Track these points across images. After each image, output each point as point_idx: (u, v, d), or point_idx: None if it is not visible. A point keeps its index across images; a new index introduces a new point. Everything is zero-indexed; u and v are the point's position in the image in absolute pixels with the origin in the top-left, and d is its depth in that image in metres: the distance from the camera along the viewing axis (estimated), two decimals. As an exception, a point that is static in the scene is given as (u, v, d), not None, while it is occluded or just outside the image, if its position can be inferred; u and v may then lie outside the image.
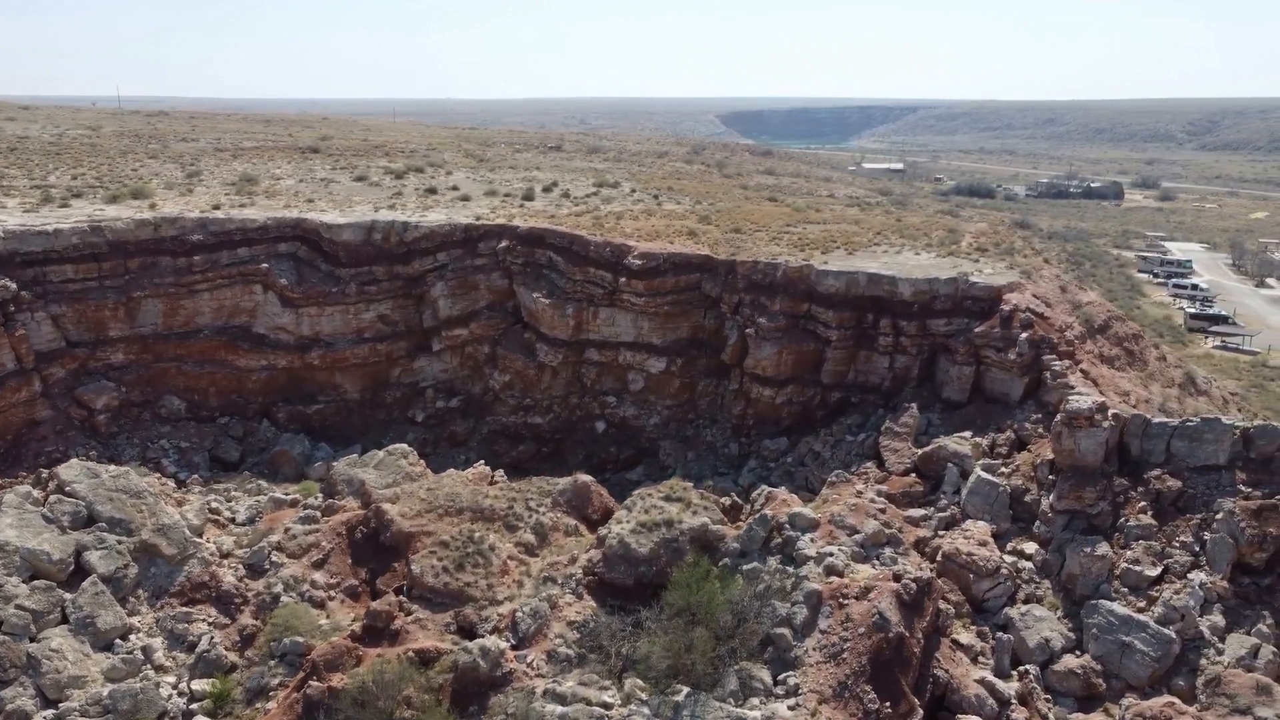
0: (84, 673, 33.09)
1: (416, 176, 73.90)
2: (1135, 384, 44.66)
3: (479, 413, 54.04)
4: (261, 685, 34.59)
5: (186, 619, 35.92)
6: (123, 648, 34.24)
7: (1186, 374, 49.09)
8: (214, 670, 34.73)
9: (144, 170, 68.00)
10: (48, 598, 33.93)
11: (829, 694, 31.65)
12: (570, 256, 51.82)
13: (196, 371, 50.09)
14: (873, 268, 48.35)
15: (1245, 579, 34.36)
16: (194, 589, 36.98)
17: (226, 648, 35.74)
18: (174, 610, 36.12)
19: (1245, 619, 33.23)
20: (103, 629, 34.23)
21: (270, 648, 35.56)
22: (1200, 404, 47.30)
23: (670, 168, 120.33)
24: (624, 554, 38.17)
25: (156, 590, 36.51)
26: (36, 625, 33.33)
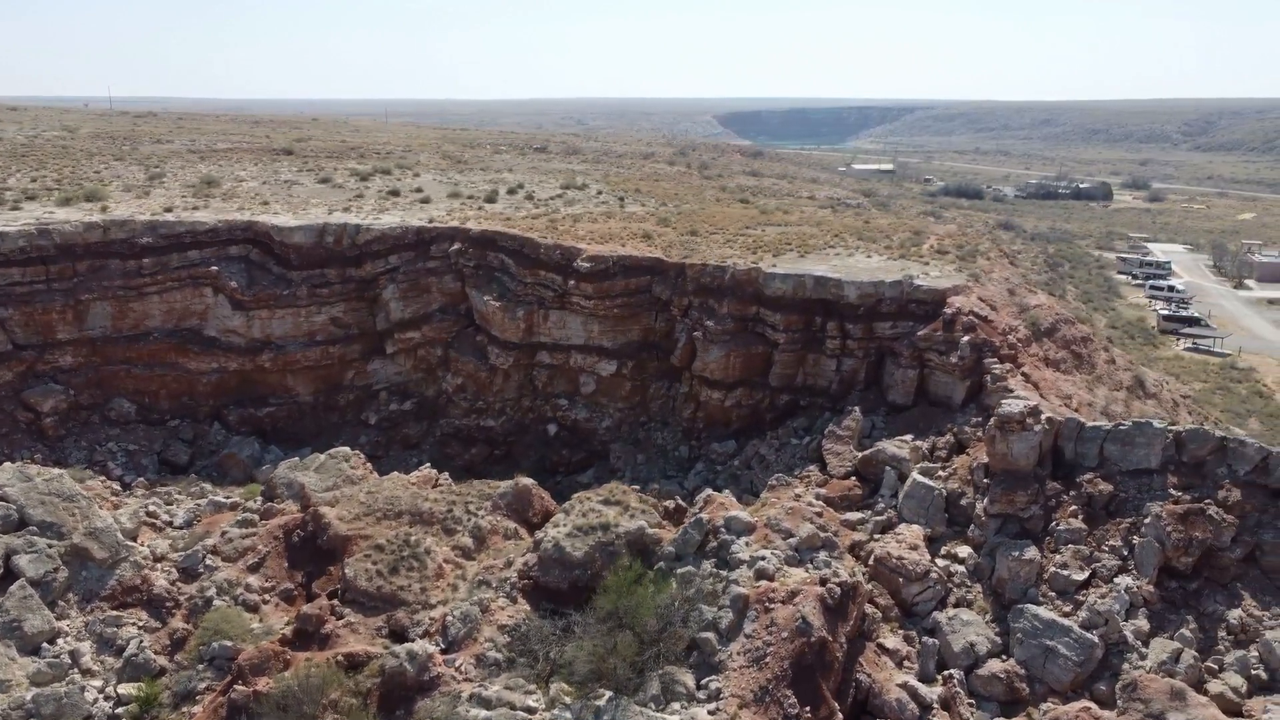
0: (9, 677, 33.05)
1: (382, 179, 73.92)
2: (1080, 387, 44.64)
3: (432, 415, 54.03)
4: (189, 689, 34.53)
5: (116, 623, 35.90)
6: (50, 651, 34.21)
7: (1135, 377, 49.04)
8: (141, 674, 34.68)
9: (106, 173, 68.02)
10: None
11: (750, 698, 31.64)
12: (521, 259, 51.83)
13: (146, 374, 50.08)
14: (820, 270, 48.33)
15: (1173, 583, 34.37)
16: (125, 592, 36.95)
17: (156, 651, 35.71)
18: (104, 614, 36.08)
19: (1170, 623, 33.22)
20: (30, 633, 34.18)
21: (200, 652, 35.50)
22: (1148, 407, 47.28)
23: (649, 169, 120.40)
24: (559, 557, 38.17)
25: (87, 594, 36.47)
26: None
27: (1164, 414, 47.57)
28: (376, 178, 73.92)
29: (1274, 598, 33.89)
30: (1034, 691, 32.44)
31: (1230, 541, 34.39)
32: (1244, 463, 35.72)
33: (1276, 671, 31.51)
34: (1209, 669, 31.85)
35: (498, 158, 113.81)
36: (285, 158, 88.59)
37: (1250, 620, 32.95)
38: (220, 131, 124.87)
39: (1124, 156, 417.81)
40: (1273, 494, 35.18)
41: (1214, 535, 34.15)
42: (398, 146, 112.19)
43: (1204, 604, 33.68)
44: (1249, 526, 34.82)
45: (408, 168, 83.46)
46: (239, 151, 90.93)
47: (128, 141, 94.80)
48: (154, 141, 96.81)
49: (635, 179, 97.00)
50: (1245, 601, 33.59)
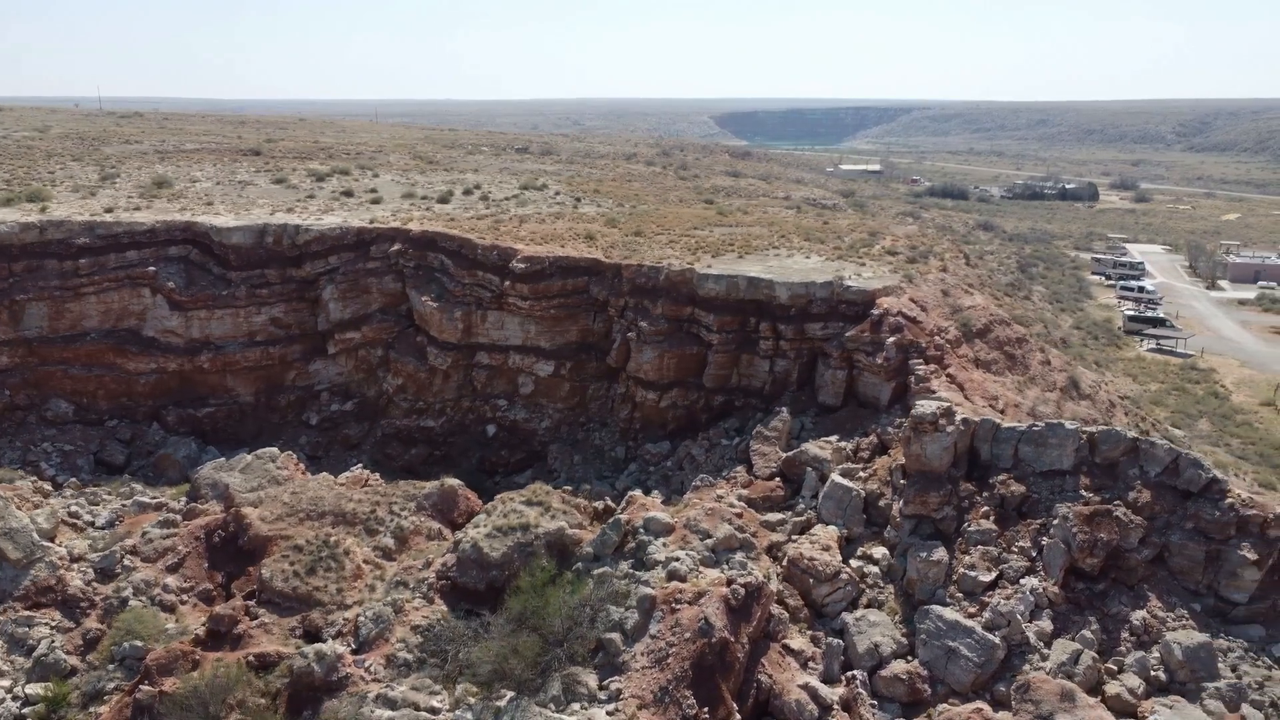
0: (-85, 677, 33.14)
1: (340, 179, 73.96)
2: (1009, 388, 44.68)
3: (373, 416, 54.07)
4: (98, 689, 34.58)
5: (28, 623, 35.94)
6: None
7: (1070, 378, 49.04)
8: (51, 674, 34.73)
9: (61, 173, 68.05)
10: (-118, 602, 33.97)
11: (649, 699, 31.65)
12: (460, 260, 51.87)
13: (84, 375, 50.11)
14: (754, 271, 48.37)
15: (1080, 584, 34.41)
16: (39, 593, 36.99)
17: (68, 652, 35.76)
18: (16, 614, 36.12)
19: (1074, 624, 33.25)
20: (-62, 633, 34.25)
21: (111, 652, 35.56)
22: (1080, 408, 47.30)
23: (624, 170, 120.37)
24: (476, 558, 38.24)
25: (1, 593, 36.51)
26: None
27: (1097, 415, 47.61)
28: (334, 178, 73.98)
29: (1180, 599, 33.96)
30: (935, 692, 32.46)
31: (1138, 543, 34.44)
32: (1155, 464, 35.78)
33: (1176, 672, 31.55)
34: (1109, 670, 31.93)
35: (471, 158, 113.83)
36: (251, 158, 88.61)
37: (1154, 621, 33.00)
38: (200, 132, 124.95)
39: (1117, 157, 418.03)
40: (1182, 495, 35.23)
41: (1121, 536, 34.19)
42: (371, 147, 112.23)
43: (1109, 605, 33.72)
44: (1158, 528, 34.90)
45: (369, 168, 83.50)
46: (205, 152, 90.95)
47: (96, 142, 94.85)
48: (122, 142, 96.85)
49: (601, 180, 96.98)
50: (1151, 603, 33.64)
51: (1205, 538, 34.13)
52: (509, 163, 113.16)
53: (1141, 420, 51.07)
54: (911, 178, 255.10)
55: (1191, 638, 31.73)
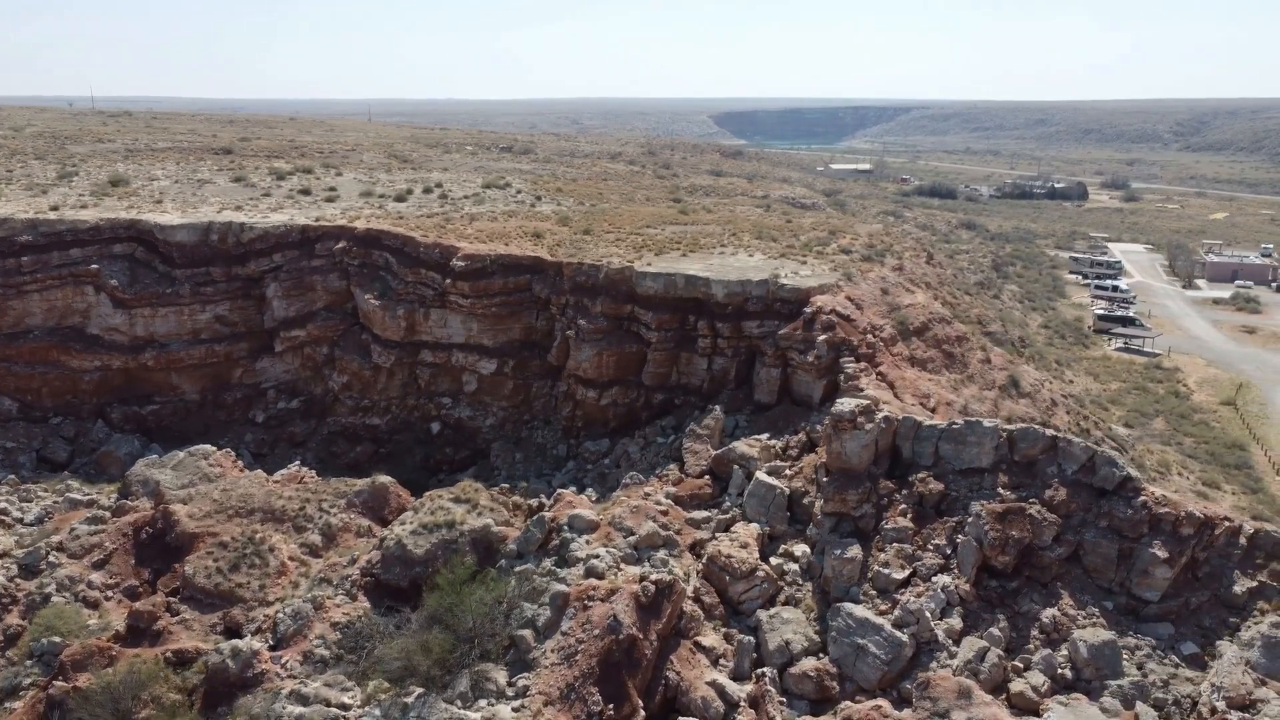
0: None
1: (301, 177, 74.07)
2: (943, 387, 44.72)
3: (319, 414, 54.18)
4: (14, 685, 34.71)
5: (-53, 619, 36.09)
6: (-125, 648, 34.39)
7: (1011, 377, 49.03)
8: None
9: (19, 171, 68.23)
10: None
11: (556, 696, 31.67)
12: (403, 258, 51.99)
13: (27, 372, 50.27)
14: (693, 270, 48.41)
15: (993, 582, 34.43)
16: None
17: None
18: (-64, 610, 36.30)
19: (985, 622, 33.27)
20: None
21: (30, 648, 35.68)
22: (1019, 407, 47.34)
23: (601, 168, 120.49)
24: (400, 555, 38.33)
25: (-80, 590, 36.66)
26: None
27: (1035, 414, 47.65)
28: (295, 177, 74.09)
29: (1093, 597, 33.98)
30: (844, 690, 32.49)
31: (1052, 540, 34.47)
32: (1072, 462, 35.83)
33: (1082, 670, 31.56)
34: (1015, 668, 31.94)
35: (447, 157, 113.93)
36: (220, 157, 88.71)
37: (1064, 620, 33.01)
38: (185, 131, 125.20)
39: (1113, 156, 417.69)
40: (1098, 493, 35.27)
41: (1034, 534, 34.23)
42: (347, 146, 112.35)
43: (1020, 603, 33.75)
44: (1073, 525, 34.92)
45: (335, 167, 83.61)
46: (175, 151, 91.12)
47: (67, 141, 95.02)
48: (95, 141, 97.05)
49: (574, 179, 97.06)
50: (1063, 601, 33.65)
51: (1118, 535, 34.15)
52: (485, 162, 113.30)
53: (1084, 419, 51.07)
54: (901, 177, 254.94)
55: (1097, 635, 31.75)
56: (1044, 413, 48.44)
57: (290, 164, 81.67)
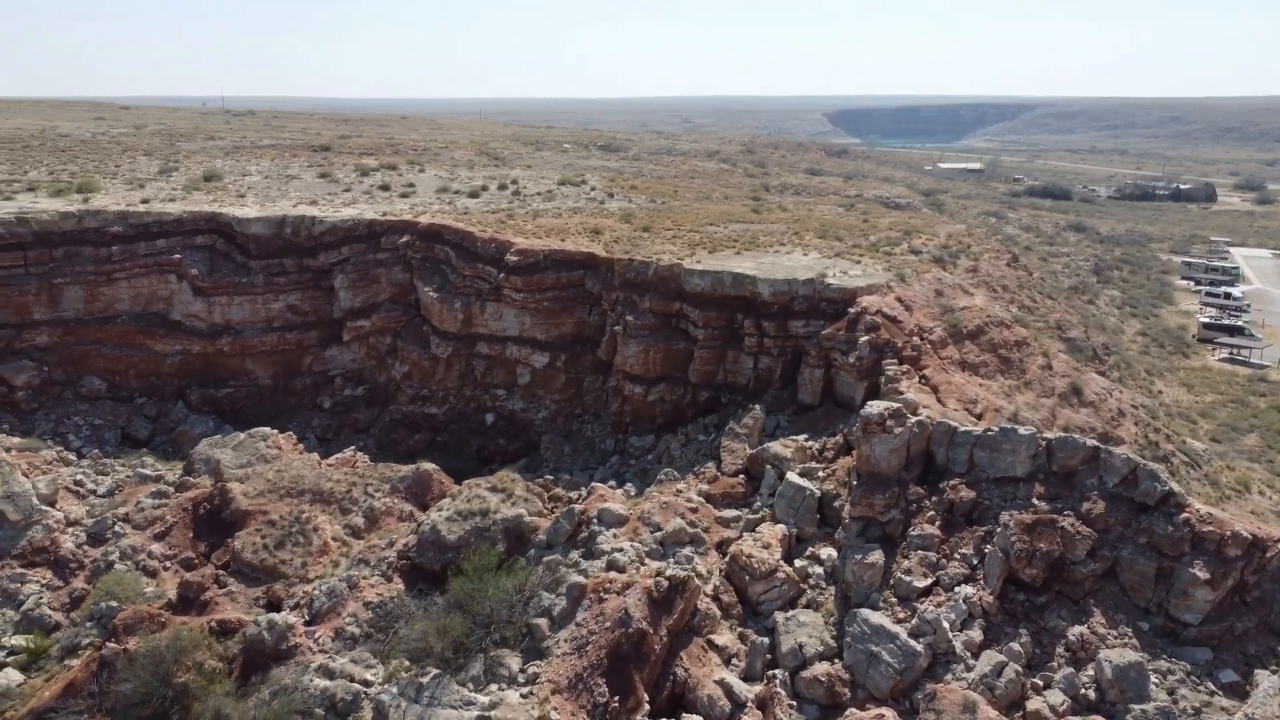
0: (-86, 623, 36.35)
1: (384, 174, 76.66)
2: (994, 392, 43.29)
3: (382, 401, 56.11)
4: (75, 644, 37.18)
5: (20, 580, 38.92)
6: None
7: (1073, 385, 46.95)
8: (35, 628, 37.52)
9: (126, 166, 72.78)
10: (-109, 553, 37.37)
11: (564, 685, 32.16)
12: (461, 252, 53.33)
13: (115, 354, 53.66)
14: (741, 268, 48.15)
15: (1021, 596, 33.23)
16: (34, 552, 40.00)
17: (54, 608, 38.55)
18: (11, 571, 39.18)
19: (1006, 636, 32.17)
20: (-61, 585, 37.45)
21: (91, 610, 38.15)
22: (1079, 416, 45.38)
23: (690, 166, 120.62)
24: (434, 540, 39.50)
25: (0, 551, 39.65)
26: (-124, 578, 36.77)
27: (1096, 424, 45.63)
28: (379, 173, 76.72)
29: (1128, 616, 32.44)
30: (855, 697, 31.93)
31: (1086, 555, 33.03)
32: (1113, 475, 34.27)
33: (1106, 691, 30.19)
34: (1035, 685, 30.78)
35: (537, 154, 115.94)
36: (316, 153, 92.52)
37: (1093, 638, 31.62)
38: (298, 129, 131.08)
39: (1251, 156, 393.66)
40: (1138, 508, 33.63)
41: (1065, 548, 32.88)
42: (442, 144, 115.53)
43: (1047, 618, 32.47)
44: (1110, 541, 33.40)
45: (418, 164, 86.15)
46: (276, 148, 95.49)
47: (181, 139, 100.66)
48: (206, 139, 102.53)
49: (656, 177, 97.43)
50: (1094, 619, 32.22)
51: (1157, 553, 32.51)
52: (574, 159, 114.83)
53: (1154, 432, 48.55)
54: (1014, 177, 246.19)
55: (1124, 656, 30.30)
56: (1107, 423, 46.29)
57: (378, 161, 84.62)
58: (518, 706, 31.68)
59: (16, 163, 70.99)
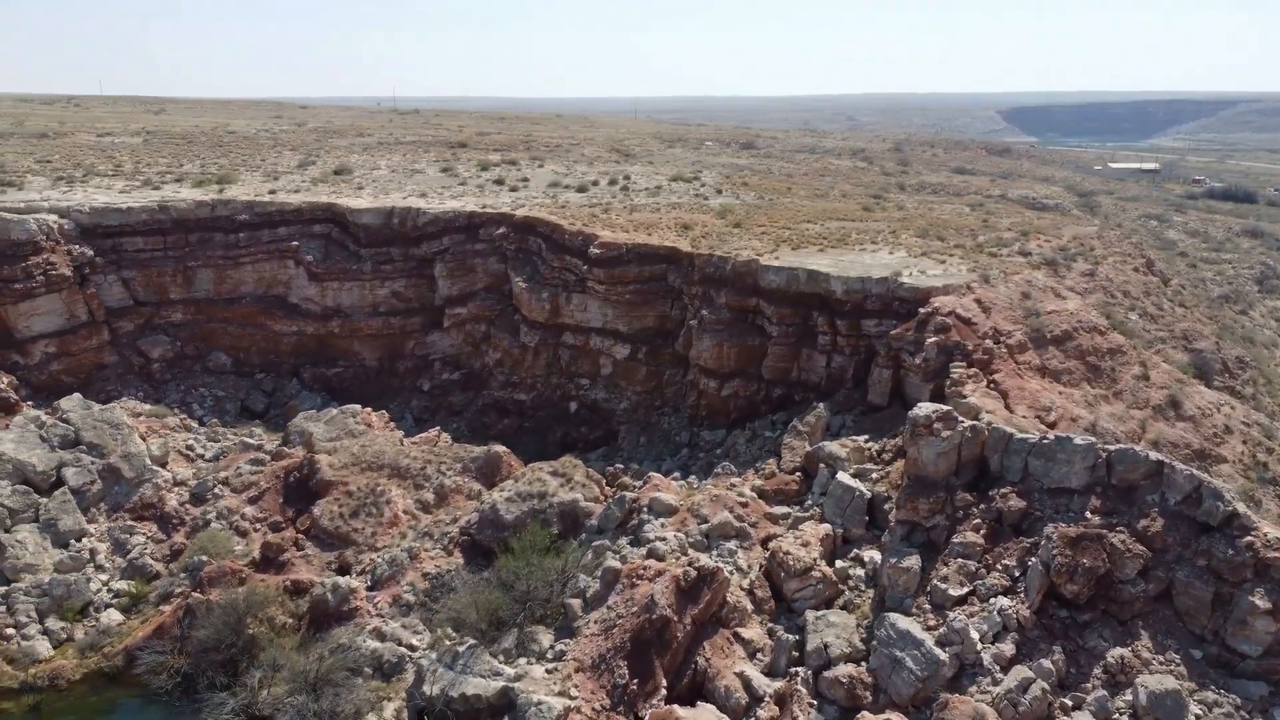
0: (39, 562, 40.99)
1: (505, 169, 79.54)
2: (1075, 401, 41.20)
3: (476, 386, 58.55)
4: (168, 592, 41.03)
5: (130, 531, 43.20)
6: (75, 547, 41.93)
7: (1171, 397, 43.86)
8: (138, 575, 41.62)
9: (271, 160, 78.60)
10: (25, 500, 42.23)
11: (588, 664, 33.14)
12: (551, 244, 54.98)
13: (239, 332, 58.37)
14: (816, 265, 47.60)
15: (1063, 612, 31.69)
16: (143, 508, 44.27)
17: (156, 559, 42.61)
18: (123, 523, 43.54)
19: (1041, 652, 30.80)
20: (62, 530, 42.08)
21: (186, 563, 41.98)
22: (1173, 430, 42.49)
23: (821, 164, 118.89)
24: (493, 518, 41.34)
25: (114, 505, 44.10)
26: (11, 520, 41.66)
27: (1194, 439, 42.63)
28: (499, 168, 79.65)
29: (1179, 642, 30.45)
30: (877, 701, 31.37)
31: (1137, 574, 31.19)
32: (1175, 491, 32.16)
33: (1141, 718, 28.50)
34: (1064, 705, 29.38)
35: (668, 151, 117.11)
36: (452, 149, 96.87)
37: (1135, 662, 29.88)
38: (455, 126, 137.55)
39: None
40: (1200, 528, 31.44)
41: (1112, 565, 31.14)
42: (575, 140, 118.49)
43: (1087, 638, 30.87)
44: (1167, 561, 31.40)
45: (540, 159, 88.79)
46: (417, 145, 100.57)
47: (334, 135, 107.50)
48: (355, 135, 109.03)
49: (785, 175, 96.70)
50: (1139, 642, 30.42)
51: (1215, 577, 30.35)
52: (704, 156, 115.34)
53: (1267, 452, 44.75)
54: (1195, 178, 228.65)
55: (1162, 683, 28.50)
56: (1208, 440, 43.11)
57: (501, 156, 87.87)
58: (541, 680, 32.86)
59: (178, 156, 77.96)
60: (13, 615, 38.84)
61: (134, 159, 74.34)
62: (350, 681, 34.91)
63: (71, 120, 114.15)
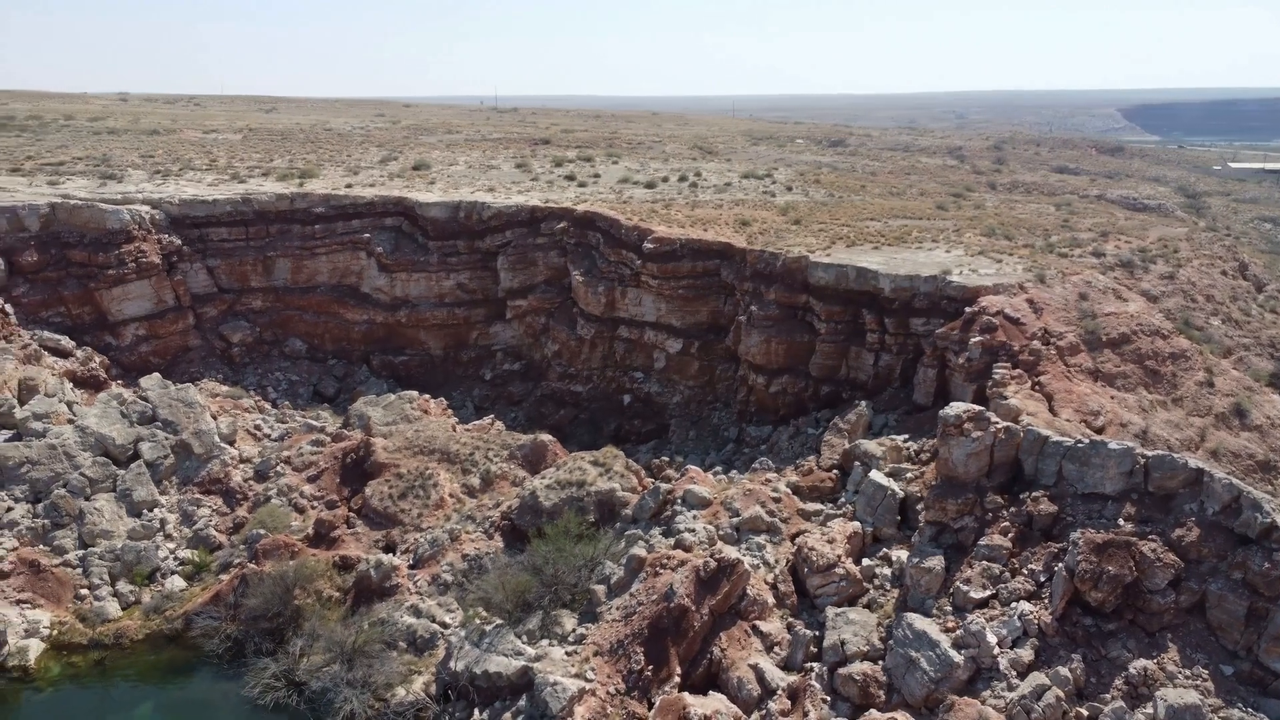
0: (114, 529, 43.89)
1: (579, 165, 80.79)
2: (1128, 406, 39.85)
3: (536, 377, 59.86)
4: (229, 562, 43.41)
5: (197, 504, 45.83)
6: (147, 517, 44.73)
7: (1236, 405, 41.83)
8: (202, 545, 44.16)
9: (356, 155, 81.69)
10: (104, 470, 45.24)
11: (606, 648, 33.88)
12: (608, 239, 55.77)
13: (314, 320, 61.03)
14: (866, 262, 47.10)
15: (1088, 620, 30.84)
16: (210, 482, 46.87)
17: (219, 530, 45.10)
18: (191, 496, 46.20)
19: (1060, 659, 30.07)
20: (136, 500, 44.93)
21: (246, 536, 44.31)
22: (1235, 439, 40.60)
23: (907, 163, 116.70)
24: (533, 505, 42.41)
25: (185, 479, 46.82)
26: (91, 489, 44.70)
27: (1259, 450, 40.71)
28: (573, 164, 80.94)
29: (1209, 657, 29.36)
30: (889, 700, 31.17)
31: (1167, 585, 30.16)
32: (1214, 501, 31.00)
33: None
34: (1079, 715, 28.67)
35: (752, 149, 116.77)
36: (535, 146, 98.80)
37: (1159, 674, 28.94)
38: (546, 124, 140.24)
39: None
40: (1238, 539, 30.21)
41: (1140, 574, 30.20)
42: (658, 138, 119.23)
43: (1110, 647, 29.99)
44: (1201, 573, 30.28)
45: (616, 156, 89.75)
46: (501, 141, 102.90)
47: (424, 132, 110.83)
48: (446, 132, 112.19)
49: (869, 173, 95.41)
50: (1166, 654, 29.44)
51: (1250, 591, 29.16)
52: (787, 154, 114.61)
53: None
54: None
55: (1182, 697, 27.55)
56: (1275, 450, 41.07)
57: (577, 153, 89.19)
58: (559, 662, 33.74)
59: (269, 151, 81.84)
60: (88, 577, 41.70)
61: (229, 154, 78.36)
62: (384, 654, 36.43)
63: (185, 118, 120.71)
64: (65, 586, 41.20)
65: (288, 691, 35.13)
